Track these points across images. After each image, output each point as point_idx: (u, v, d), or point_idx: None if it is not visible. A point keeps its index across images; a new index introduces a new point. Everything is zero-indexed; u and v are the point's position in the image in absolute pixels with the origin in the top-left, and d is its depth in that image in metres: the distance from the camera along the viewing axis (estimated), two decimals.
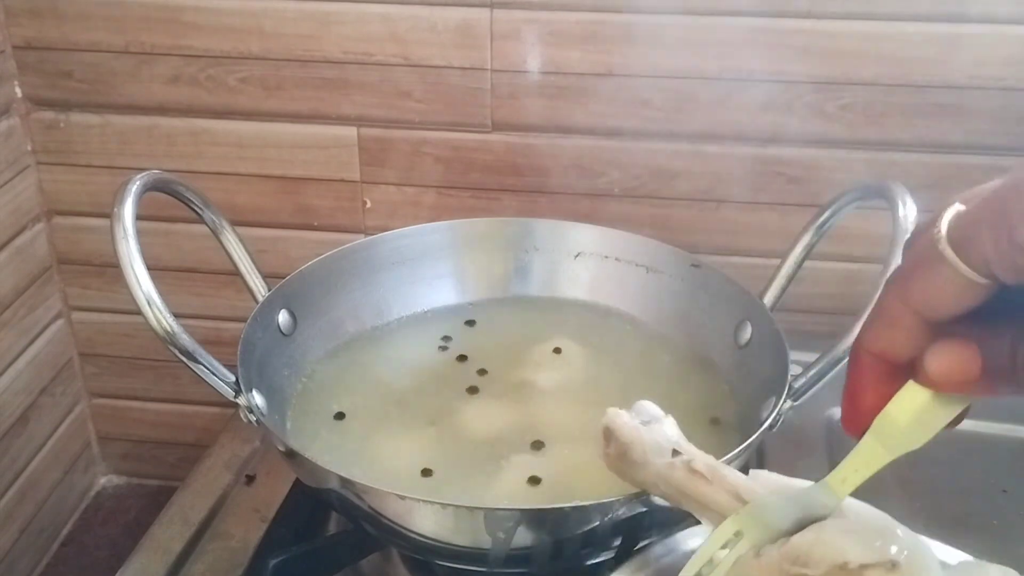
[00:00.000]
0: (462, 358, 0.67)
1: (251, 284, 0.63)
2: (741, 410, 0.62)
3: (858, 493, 0.60)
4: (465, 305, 0.72)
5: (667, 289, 0.69)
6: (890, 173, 0.78)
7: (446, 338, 0.69)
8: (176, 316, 0.51)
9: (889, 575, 0.36)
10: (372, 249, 0.70)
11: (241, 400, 0.54)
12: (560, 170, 0.84)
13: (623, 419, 0.46)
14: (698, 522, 0.43)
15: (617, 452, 0.45)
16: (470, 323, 0.71)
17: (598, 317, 0.71)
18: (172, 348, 0.51)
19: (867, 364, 0.32)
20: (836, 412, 0.73)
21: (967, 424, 0.76)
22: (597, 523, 0.48)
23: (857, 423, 0.33)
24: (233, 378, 0.54)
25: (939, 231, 0.27)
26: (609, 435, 0.46)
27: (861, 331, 0.31)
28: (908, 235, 0.54)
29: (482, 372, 0.66)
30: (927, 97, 0.77)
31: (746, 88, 0.78)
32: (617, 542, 0.51)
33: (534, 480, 0.55)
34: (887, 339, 0.31)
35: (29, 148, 0.89)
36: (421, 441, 0.59)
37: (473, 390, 0.64)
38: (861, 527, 0.38)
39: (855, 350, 0.32)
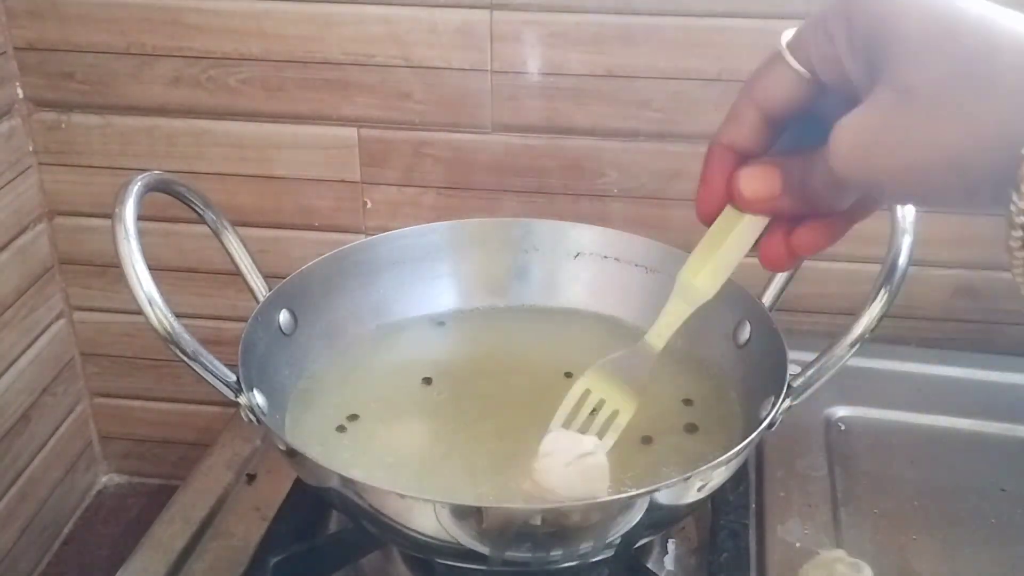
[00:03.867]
0: (463, 357, 0.67)
1: (252, 284, 0.63)
2: (740, 409, 0.62)
3: (867, 493, 0.61)
4: (465, 305, 0.72)
5: (667, 289, 0.69)
6: None
7: (446, 338, 0.69)
8: (177, 316, 0.51)
9: None
10: (372, 249, 0.70)
11: (242, 399, 0.54)
12: (560, 170, 0.84)
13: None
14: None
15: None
16: (470, 323, 0.71)
17: (597, 317, 0.71)
18: (173, 348, 0.51)
19: (718, 154, 0.39)
20: (836, 411, 0.74)
21: (965, 424, 0.77)
22: (597, 522, 0.48)
23: (709, 206, 0.41)
24: (234, 377, 0.54)
25: (781, 40, 0.36)
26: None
27: (718, 130, 0.39)
28: (907, 235, 0.55)
29: (482, 371, 0.66)
30: None
31: None
32: (617, 541, 0.51)
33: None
34: (735, 132, 0.38)
35: (31, 149, 0.89)
36: (422, 440, 0.60)
37: (474, 388, 0.64)
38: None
39: (711, 145, 0.39)
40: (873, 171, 0.33)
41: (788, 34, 0.37)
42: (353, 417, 0.61)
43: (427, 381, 0.65)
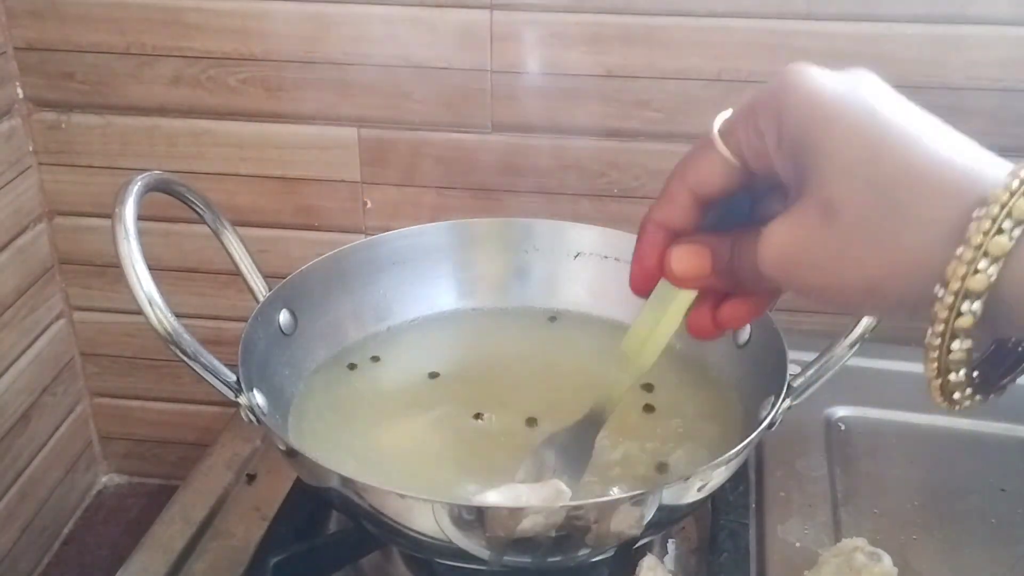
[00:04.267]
0: (463, 356, 0.67)
1: (252, 284, 0.63)
2: (740, 409, 0.62)
3: (867, 493, 0.61)
4: (465, 305, 0.72)
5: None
6: None
7: (446, 337, 0.69)
8: (177, 316, 0.51)
9: None
10: (372, 249, 0.70)
11: (242, 399, 0.54)
12: (560, 170, 0.84)
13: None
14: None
15: None
16: (469, 322, 0.71)
17: (597, 318, 0.71)
18: (173, 348, 0.51)
19: (651, 232, 0.40)
20: (836, 411, 0.74)
21: (966, 423, 0.77)
22: (596, 522, 0.48)
23: (643, 281, 0.41)
24: (234, 377, 0.54)
25: (712, 127, 0.37)
26: None
27: (650, 208, 0.40)
28: None
29: (482, 370, 0.66)
30: (924, 98, 0.76)
31: (745, 89, 0.78)
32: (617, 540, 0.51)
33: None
34: (667, 212, 0.39)
35: (31, 149, 0.89)
36: (422, 439, 0.60)
37: (474, 387, 0.64)
38: None
39: (644, 222, 0.40)
40: (796, 281, 0.34)
41: (721, 119, 0.37)
42: (353, 416, 0.61)
43: (433, 375, 0.65)
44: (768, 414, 0.54)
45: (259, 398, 0.56)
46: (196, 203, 0.61)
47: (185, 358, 0.52)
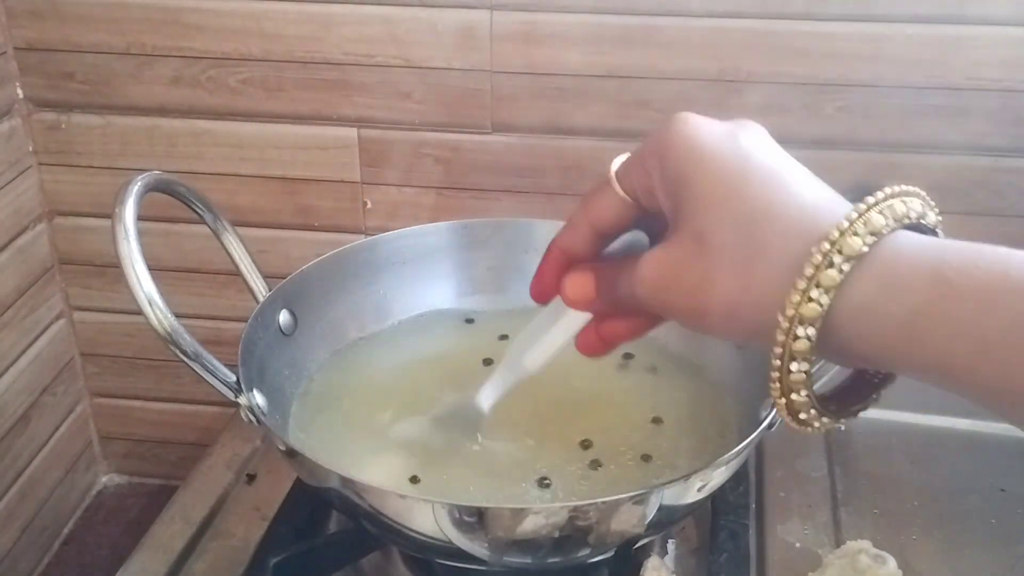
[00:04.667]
0: (463, 358, 0.67)
1: (252, 284, 0.63)
2: (740, 410, 0.62)
3: (867, 493, 0.61)
4: (465, 306, 0.72)
5: None
6: (888, 174, 0.78)
7: (446, 338, 0.69)
8: (177, 316, 0.51)
9: None
10: (372, 250, 0.70)
11: (242, 400, 0.54)
12: (560, 171, 0.84)
13: None
14: None
15: None
16: (469, 323, 0.71)
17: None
18: (173, 348, 0.51)
19: (555, 255, 0.45)
20: None
21: (965, 424, 0.77)
22: (597, 522, 0.48)
23: (543, 294, 0.46)
24: (234, 378, 0.54)
25: (610, 168, 0.42)
26: None
27: (557, 234, 0.45)
28: None
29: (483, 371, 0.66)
30: (925, 99, 0.77)
31: (744, 89, 0.78)
32: (617, 541, 0.51)
33: (539, 480, 0.56)
34: (570, 240, 0.44)
35: (31, 149, 0.89)
36: (422, 439, 0.60)
37: (474, 388, 0.64)
38: None
39: (550, 245, 0.45)
40: (666, 304, 0.38)
41: (619, 161, 0.41)
42: (354, 416, 0.61)
43: (428, 380, 0.65)
44: (768, 414, 0.54)
45: (259, 398, 0.56)
46: (196, 203, 0.61)
47: (185, 358, 0.52)
